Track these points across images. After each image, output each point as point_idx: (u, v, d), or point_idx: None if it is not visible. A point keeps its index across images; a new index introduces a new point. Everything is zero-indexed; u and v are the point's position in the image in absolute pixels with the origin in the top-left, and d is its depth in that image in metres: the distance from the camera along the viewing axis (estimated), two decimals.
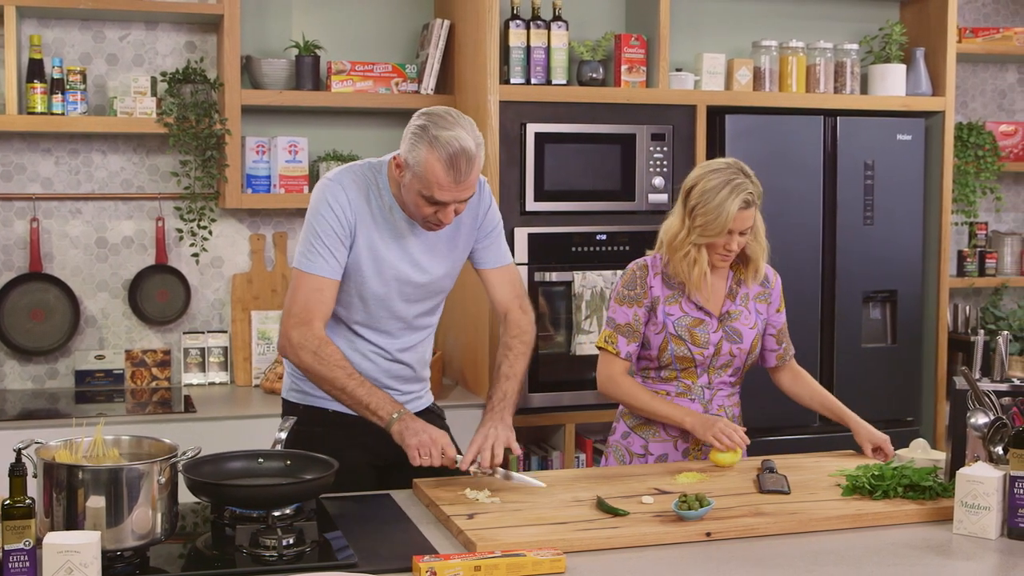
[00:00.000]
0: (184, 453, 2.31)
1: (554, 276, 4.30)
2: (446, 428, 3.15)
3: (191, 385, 4.47)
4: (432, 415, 3.12)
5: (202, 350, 4.49)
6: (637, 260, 3.23)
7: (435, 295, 3.01)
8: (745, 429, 3.05)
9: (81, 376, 4.41)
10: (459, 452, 2.79)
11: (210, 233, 4.46)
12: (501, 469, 2.78)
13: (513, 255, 4.15)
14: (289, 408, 3.04)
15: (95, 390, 4.38)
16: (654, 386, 3.20)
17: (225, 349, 4.52)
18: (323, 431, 2.92)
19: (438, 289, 3.01)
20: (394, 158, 2.83)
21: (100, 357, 4.43)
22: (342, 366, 2.82)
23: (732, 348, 3.13)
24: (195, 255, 4.45)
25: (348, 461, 2.70)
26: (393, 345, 2.98)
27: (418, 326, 3.02)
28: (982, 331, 3.14)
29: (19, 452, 2.11)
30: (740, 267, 3.18)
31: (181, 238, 4.47)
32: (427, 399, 3.15)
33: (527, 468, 4.38)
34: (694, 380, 3.15)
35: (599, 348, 3.23)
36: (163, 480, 2.22)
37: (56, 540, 1.99)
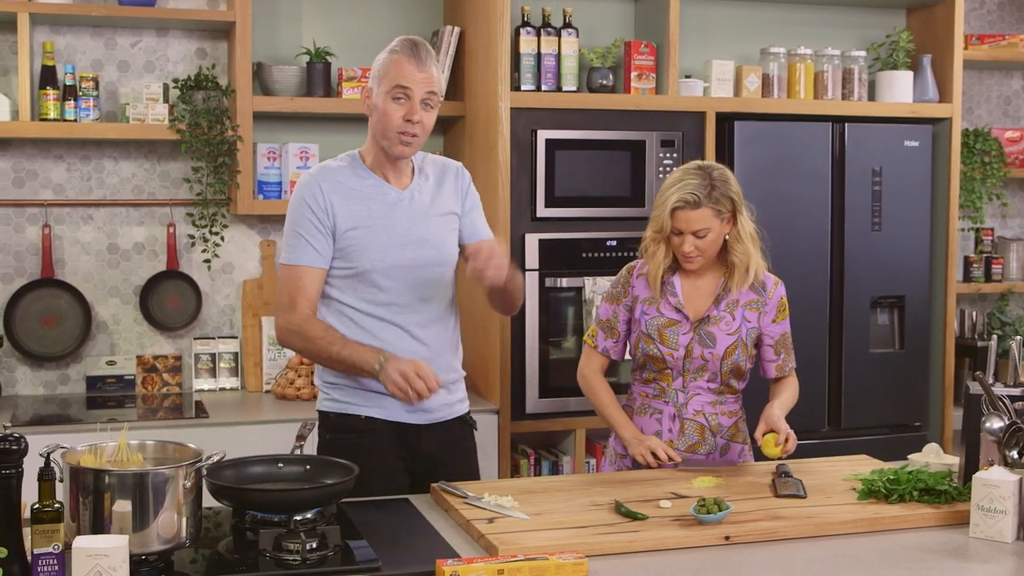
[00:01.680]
0: (209, 458, 2.33)
1: (564, 282, 4.32)
2: (474, 445, 3.20)
3: (202, 391, 4.48)
4: (464, 425, 3.15)
5: (213, 356, 4.51)
6: (631, 262, 3.28)
7: (437, 262, 3.03)
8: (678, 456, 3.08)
9: (92, 382, 4.42)
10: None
11: (222, 239, 4.48)
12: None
13: (524, 261, 4.23)
14: (324, 419, 3.05)
15: (106, 396, 4.39)
16: (638, 387, 3.24)
17: (236, 355, 4.53)
18: (355, 437, 2.95)
19: (439, 255, 3.04)
20: (365, 93, 3.00)
21: (111, 363, 4.44)
22: (323, 336, 2.90)
23: (704, 352, 3.11)
24: (206, 261, 4.46)
25: (382, 466, 2.76)
26: (411, 320, 2.99)
27: (430, 297, 3.03)
28: (995, 335, 3.15)
29: (47, 457, 2.13)
30: (728, 272, 3.17)
31: (193, 244, 4.49)
32: (459, 408, 3.14)
33: (538, 473, 4.40)
34: (669, 383, 3.16)
35: (584, 342, 3.31)
36: (188, 485, 2.23)
37: (85, 544, 2.00)
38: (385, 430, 2.94)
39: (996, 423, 2.66)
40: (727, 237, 3.12)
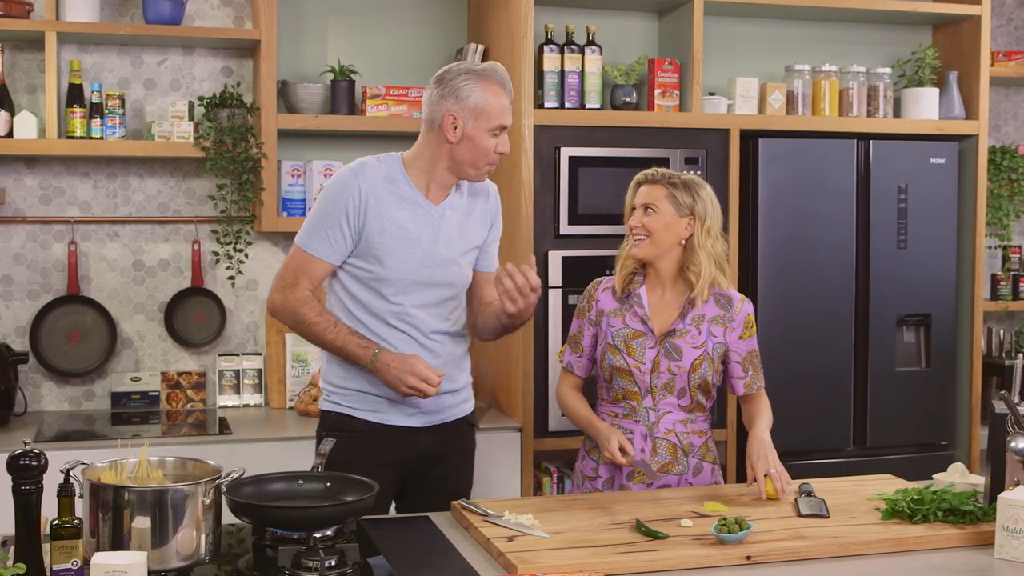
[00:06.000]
0: (228, 474, 2.33)
1: None
2: (473, 443, 3.28)
3: (226, 407, 4.49)
4: (465, 424, 3.22)
5: (237, 372, 4.52)
6: (597, 278, 3.31)
7: (452, 283, 3.09)
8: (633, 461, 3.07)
9: (117, 398, 4.44)
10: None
11: (246, 256, 4.49)
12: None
13: (547, 279, 4.23)
14: (324, 417, 3.15)
15: (131, 412, 4.41)
16: (605, 407, 3.22)
17: (260, 371, 4.55)
18: (349, 436, 3.02)
19: (456, 277, 3.09)
20: (449, 119, 2.96)
21: (136, 379, 4.46)
22: (318, 321, 2.99)
23: (671, 365, 3.10)
24: (231, 278, 4.48)
25: (369, 468, 2.82)
26: (418, 330, 3.04)
27: (439, 313, 3.08)
28: (1022, 354, 3.12)
29: (67, 473, 2.13)
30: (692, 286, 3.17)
31: (217, 261, 4.50)
32: (462, 409, 3.20)
33: (560, 490, 4.38)
34: (638, 401, 3.13)
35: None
36: (207, 501, 2.24)
37: (104, 560, 2.01)
38: (381, 433, 3.04)
39: (1022, 443, 2.64)
40: (683, 245, 3.12)
